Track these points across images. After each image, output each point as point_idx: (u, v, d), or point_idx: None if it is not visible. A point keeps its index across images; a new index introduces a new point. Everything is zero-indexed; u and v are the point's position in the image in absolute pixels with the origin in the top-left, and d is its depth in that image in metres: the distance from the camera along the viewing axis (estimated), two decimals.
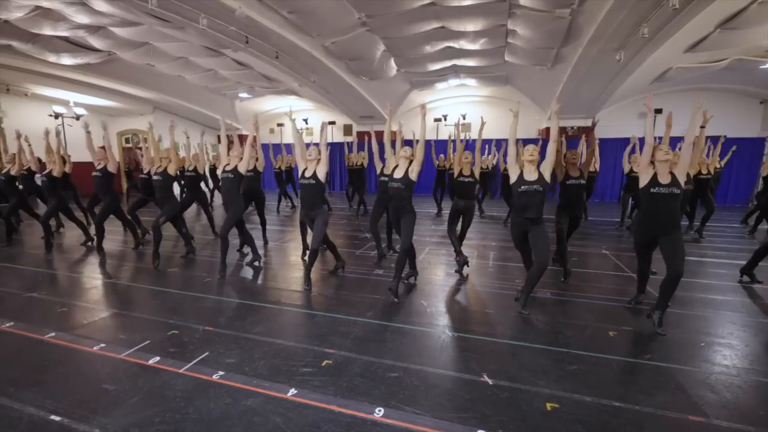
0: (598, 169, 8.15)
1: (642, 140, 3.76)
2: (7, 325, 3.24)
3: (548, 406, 2.19)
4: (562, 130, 12.57)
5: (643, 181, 3.19)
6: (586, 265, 5.10)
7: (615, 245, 6.24)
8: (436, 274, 4.73)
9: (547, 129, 12.72)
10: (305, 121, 15.73)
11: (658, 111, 11.93)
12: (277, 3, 6.60)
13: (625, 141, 12.31)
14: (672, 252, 3.04)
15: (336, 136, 15.70)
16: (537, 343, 2.94)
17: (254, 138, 4.74)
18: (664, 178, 3.09)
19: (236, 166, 4.54)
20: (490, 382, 2.43)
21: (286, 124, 16.22)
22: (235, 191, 4.57)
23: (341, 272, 4.71)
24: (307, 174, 4.12)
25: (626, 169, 7.09)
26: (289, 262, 5.30)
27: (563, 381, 2.44)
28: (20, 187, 6.31)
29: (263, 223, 6.29)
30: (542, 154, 3.57)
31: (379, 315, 3.47)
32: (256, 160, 5.90)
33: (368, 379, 2.46)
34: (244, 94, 13.69)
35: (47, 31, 7.55)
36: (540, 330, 3.19)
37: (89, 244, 6.10)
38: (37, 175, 6.17)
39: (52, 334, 3.08)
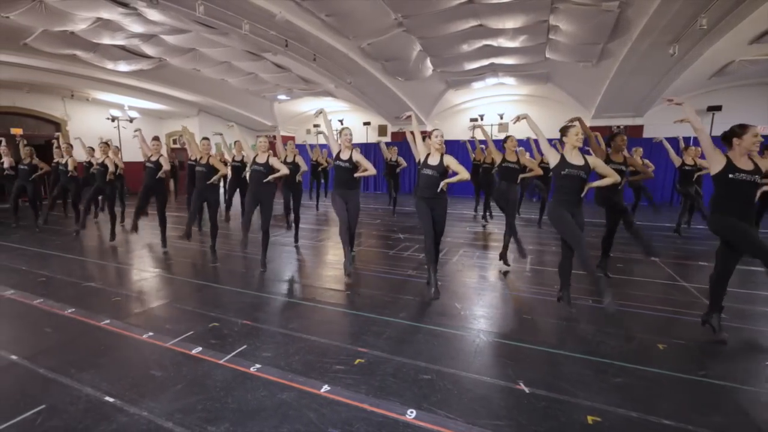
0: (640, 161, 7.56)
1: (695, 139, 3.43)
2: (69, 311, 3.53)
3: (589, 419, 2.08)
4: (608, 129, 11.97)
5: (715, 168, 2.85)
6: (633, 272, 4.81)
7: (665, 251, 5.83)
8: (470, 277, 4.64)
9: (590, 128, 12.13)
10: (341, 122, 15.97)
11: (717, 108, 11.05)
12: (315, 6, 6.75)
13: (677, 141, 11.50)
14: None
15: (371, 136, 15.82)
16: (577, 353, 2.80)
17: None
18: (744, 164, 2.77)
19: (267, 160, 4.64)
20: (527, 390, 2.34)
21: (321, 122, 16.55)
22: (266, 184, 4.64)
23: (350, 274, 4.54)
24: (344, 157, 4.19)
25: (677, 164, 6.60)
26: (324, 261, 5.40)
27: (606, 394, 2.31)
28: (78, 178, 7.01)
29: (297, 220, 6.27)
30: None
31: (412, 316, 3.46)
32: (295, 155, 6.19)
33: (400, 379, 2.45)
34: (282, 96, 14.12)
35: (106, 40, 8.17)
36: (581, 338, 3.04)
37: (113, 242, 6.31)
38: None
39: (107, 321, 3.31)
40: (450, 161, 3.69)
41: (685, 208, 6.97)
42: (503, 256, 4.83)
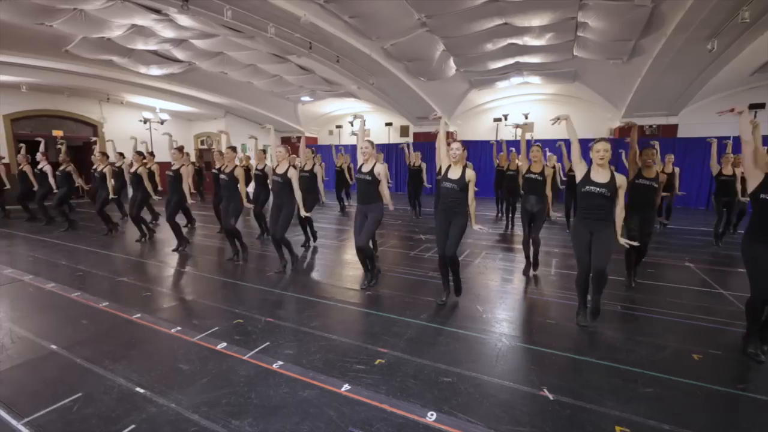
0: (672, 170, 7.07)
1: (735, 140, 3.20)
2: (103, 304, 3.70)
3: (618, 429, 2.01)
4: (639, 129, 11.51)
5: (750, 185, 2.68)
6: (666, 279, 4.60)
7: (700, 257, 5.55)
8: (493, 279, 4.57)
9: (620, 128, 11.72)
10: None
11: (760, 106, 10.43)
12: (339, 8, 6.81)
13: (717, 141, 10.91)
14: None
15: (393, 137, 15.83)
16: (605, 360, 2.70)
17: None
18: None
19: (286, 171, 4.59)
20: (551, 397, 2.28)
21: (355, 125, 16.66)
22: (286, 194, 4.65)
23: (369, 288, 4.24)
24: (364, 170, 4.08)
25: (714, 171, 6.26)
26: (345, 261, 5.44)
27: (635, 404, 2.21)
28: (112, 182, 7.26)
29: (310, 223, 6.20)
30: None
31: (434, 318, 3.43)
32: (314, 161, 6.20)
33: (421, 381, 2.43)
34: (306, 98, 14.32)
35: (140, 46, 8.53)
36: (608, 346, 2.94)
37: (143, 240, 6.50)
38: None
39: (138, 315, 3.45)
40: (471, 178, 3.54)
41: (720, 219, 6.38)
42: (527, 272, 4.70)
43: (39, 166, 7.82)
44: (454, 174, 3.57)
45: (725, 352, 2.83)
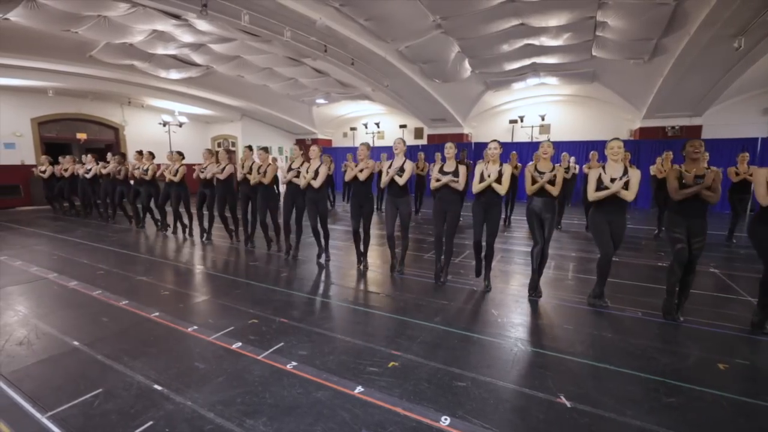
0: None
1: (763, 141, 3.11)
2: (123, 302, 3.79)
3: None
4: (661, 130, 11.20)
5: None
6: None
7: (725, 263, 5.36)
8: (509, 283, 4.50)
9: (641, 129, 11.44)
10: (377, 125, 16.08)
11: None
12: (354, 11, 6.86)
13: (742, 142, 10.53)
14: None
15: (407, 138, 15.81)
16: (625, 368, 2.63)
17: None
18: None
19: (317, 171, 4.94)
20: (568, 404, 2.23)
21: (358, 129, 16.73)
22: (315, 190, 5.01)
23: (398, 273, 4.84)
24: (395, 165, 4.53)
25: (736, 176, 6.18)
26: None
27: (657, 414, 2.14)
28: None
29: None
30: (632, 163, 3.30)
31: (447, 321, 3.40)
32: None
33: (434, 385, 2.41)
34: (321, 100, 14.45)
35: (160, 50, 8.76)
36: (628, 353, 2.85)
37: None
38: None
39: (157, 313, 3.52)
40: (506, 171, 3.90)
41: (736, 216, 6.48)
42: (534, 288, 4.02)
43: (87, 167, 8.31)
44: (492, 171, 3.95)
45: (754, 362, 2.71)
